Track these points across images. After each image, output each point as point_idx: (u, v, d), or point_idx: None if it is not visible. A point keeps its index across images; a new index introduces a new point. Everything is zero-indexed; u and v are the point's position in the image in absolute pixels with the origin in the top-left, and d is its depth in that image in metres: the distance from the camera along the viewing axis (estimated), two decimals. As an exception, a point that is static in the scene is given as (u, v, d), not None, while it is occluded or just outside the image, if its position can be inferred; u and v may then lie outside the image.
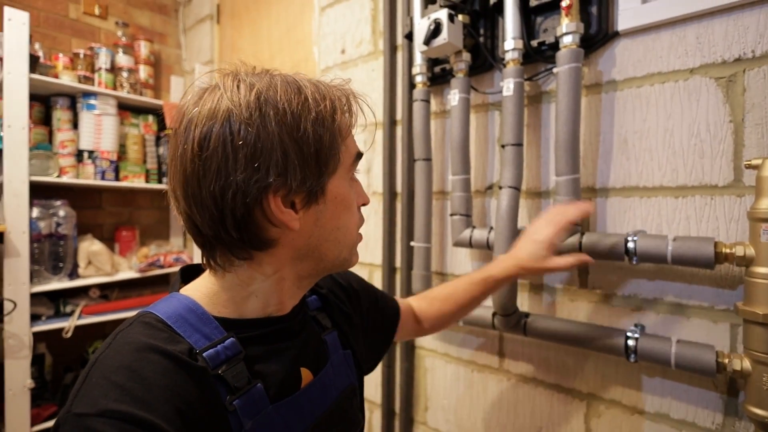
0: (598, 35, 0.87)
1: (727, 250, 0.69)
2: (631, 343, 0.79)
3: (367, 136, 1.34)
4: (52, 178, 1.61)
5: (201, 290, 0.50)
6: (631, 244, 0.78)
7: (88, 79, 1.77)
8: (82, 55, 1.77)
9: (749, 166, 0.68)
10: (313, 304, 0.63)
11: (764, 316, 0.64)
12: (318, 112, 0.46)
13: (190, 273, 0.55)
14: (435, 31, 0.95)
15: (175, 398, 0.40)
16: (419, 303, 0.82)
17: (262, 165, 0.43)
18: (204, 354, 0.44)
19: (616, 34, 0.86)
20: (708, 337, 0.77)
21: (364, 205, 0.57)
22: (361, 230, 0.56)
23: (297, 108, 0.45)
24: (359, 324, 0.69)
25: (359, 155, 0.54)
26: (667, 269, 0.81)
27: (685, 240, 0.73)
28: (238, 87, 0.45)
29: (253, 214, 0.45)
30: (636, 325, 0.84)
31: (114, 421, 0.36)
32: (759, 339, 0.66)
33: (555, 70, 0.86)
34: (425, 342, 1.22)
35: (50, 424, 1.54)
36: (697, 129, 0.78)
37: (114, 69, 1.86)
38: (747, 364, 0.68)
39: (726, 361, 0.70)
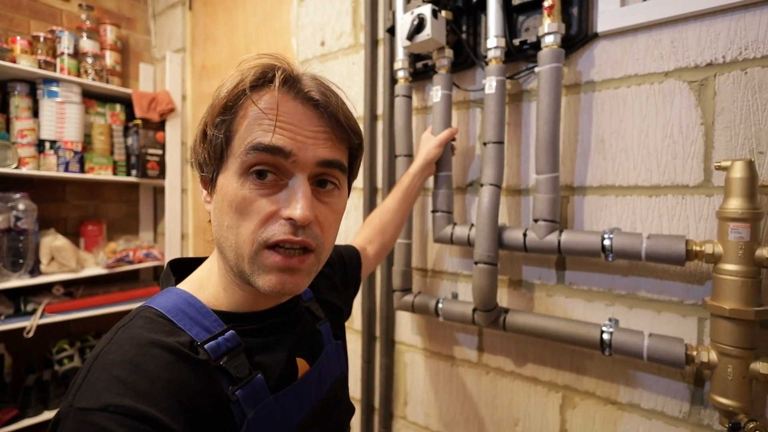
0: (578, 36, 0.88)
1: (697, 248, 0.73)
2: (606, 336, 0.82)
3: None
4: (9, 170, 1.52)
5: (197, 284, 0.51)
6: (607, 242, 0.80)
7: (49, 65, 1.67)
8: (42, 39, 1.66)
9: (719, 168, 0.72)
10: (307, 295, 0.64)
11: (730, 310, 0.68)
12: (215, 97, 0.47)
13: (179, 267, 0.55)
14: (418, 26, 0.94)
15: (177, 392, 0.40)
16: (368, 245, 0.89)
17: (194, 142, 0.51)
18: (205, 346, 0.45)
19: (596, 36, 0.88)
20: (677, 331, 0.81)
21: (290, 219, 0.44)
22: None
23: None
24: (340, 285, 0.74)
25: (259, 148, 0.44)
26: (641, 265, 0.84)
27: (658, 238, 0.76)
28: None
29: None
30: (610, 320, 0.87)
31: (116, 415, 0.36)
32: (725, 332, 0.69)
33: (536, 69, 0.87)
34: (405, 337, 1.22)
35: (11, 428, 1.46)
36: (670, 130, 0.81)
37: (78, 54, 1.76)
38: (713, 355, 0.71)
39: (694, 353, 0.73)
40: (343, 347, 0.67)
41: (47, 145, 1.63)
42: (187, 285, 0.51)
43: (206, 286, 0.51)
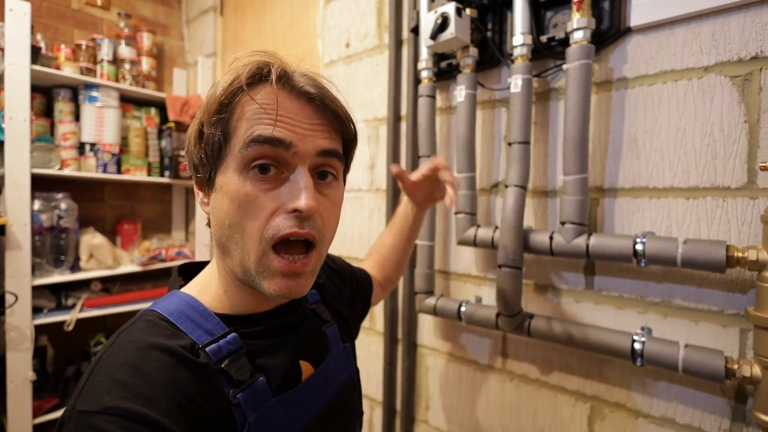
0: (609, 31, 0.85)
1: (739, 254, 0.68)
2: (637, 346, 0.78)
3: (371, 131, 1.33)
4: (53, 171, 1.60)
5: (199, 287, 0.51)
6: (639, 246, 0.76)
7: (90, 71, 1.76)
8: (84, 47, 1.75)
9: (764, 168, 0.66)
10: (313, 297, 0.63)
11: (776, 322, 0.63)
12: (210, 96, 0.47)
13: (187, 270, 0.56)
14: (442, 25, 0.93)
15: (177, 394, 0.40)
16: (375, 272, 0.87)
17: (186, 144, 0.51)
18: (206, 349, 0.45)
19: (629, 30, 0.84)
20: (717, 342, 0.76)
21: (295, 211, 0.44)
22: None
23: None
24: (348, 300, 0.74)
25: (259, 140, 0.44)
26: (676, 272, 0.80)
27: (696, 243, 0.72)
28: None
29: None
30: (643, 328, 0.83)
31: (116, 417, 0.37)
32: (770, 345, 0.65)
33: (564, 66, 0.84)
34: (427, 340, 1.21)
35: (52, 416, 1.54)
36: (710, 129, 0.76)
37: (116, 61, 1.84)
38: (757, 370, 0.66)
39: (735, 366, 0.69)
40: (352, 350, 0.66)
41: (87, 147, 1.71)
42: (191, 288, 0.51)
43: (208, 289, 0.51)
